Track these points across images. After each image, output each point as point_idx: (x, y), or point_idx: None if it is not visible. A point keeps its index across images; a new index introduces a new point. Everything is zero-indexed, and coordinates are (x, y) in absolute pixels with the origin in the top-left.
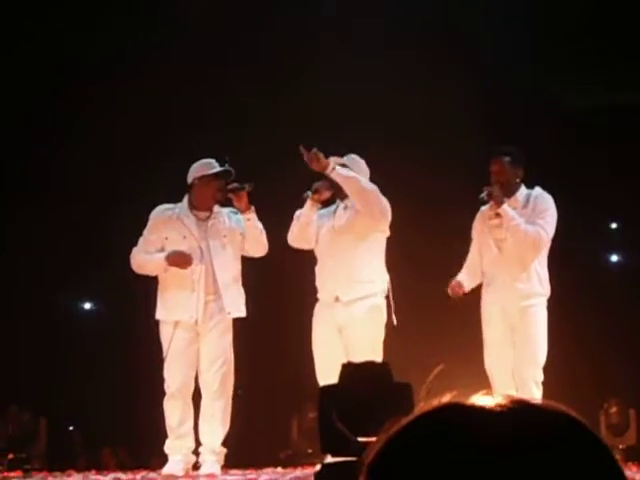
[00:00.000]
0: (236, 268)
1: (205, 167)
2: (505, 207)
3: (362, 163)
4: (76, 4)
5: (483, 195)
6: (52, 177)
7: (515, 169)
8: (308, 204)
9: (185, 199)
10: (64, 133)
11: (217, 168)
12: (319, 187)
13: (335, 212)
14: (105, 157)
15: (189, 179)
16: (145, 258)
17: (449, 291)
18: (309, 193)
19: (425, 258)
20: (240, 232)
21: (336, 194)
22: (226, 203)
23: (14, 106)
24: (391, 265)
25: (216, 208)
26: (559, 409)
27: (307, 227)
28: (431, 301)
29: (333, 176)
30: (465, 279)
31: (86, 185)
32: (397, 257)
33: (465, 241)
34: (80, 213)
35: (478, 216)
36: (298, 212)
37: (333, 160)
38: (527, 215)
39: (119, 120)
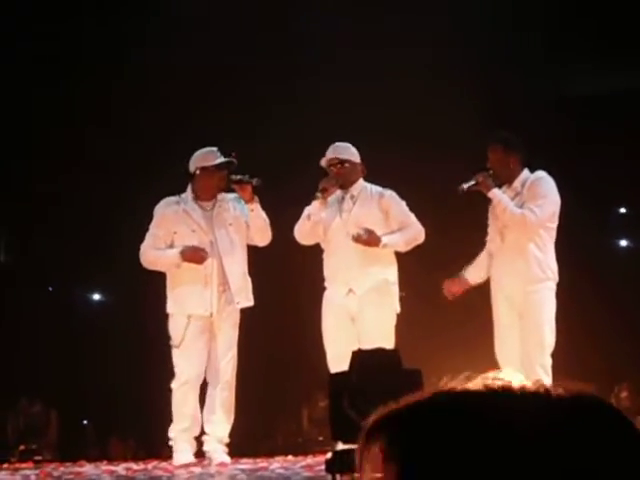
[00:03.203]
0: (243, 257)
1: (207, 157)
2: (494, 191)
3: (351, 147)
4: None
5: (463, 186)
6: (64, 174)
7: (508, 155)
8: (316, 204)
9: (188, 189)
10: (75, 132)
11: (220, 159)
12: (326, 185)
13: (342, 202)
14: (116, 152)
15: (191, 168)
16: (157, 254)
17: (444, 291)
18: (318, 194)
19: (433, 247)
20: (245, 220)
21: (341, 185)
22: (230, 188)
23: (21, 107)
24: (399, 254)
25: (220, 195)
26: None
27: (317, 225)
28: (440, 289)
29: (385, 248)
30: (472, 272)
31: (99, 179)
32: None
33: (471, 229)
34: (90, 206)
35: (491, 206)
36: (306, 211)
37: (384, 237)
38: (522, 200)
39: (130, 116)
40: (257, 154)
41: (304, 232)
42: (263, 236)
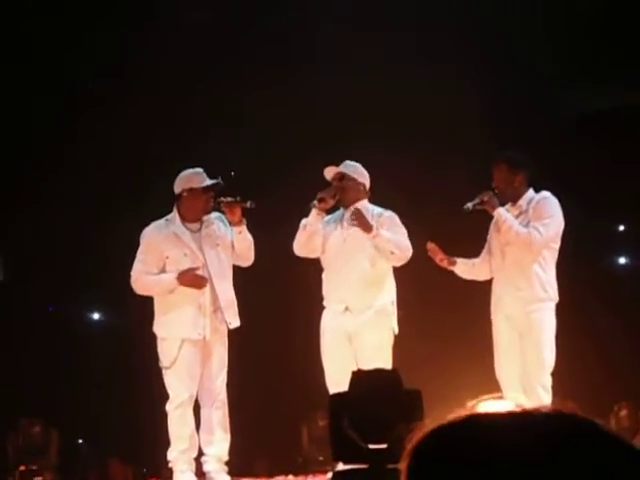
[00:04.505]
0: (230, 277)
1: (193, 178)
2: (499, 210)
3: (359, 167)
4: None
5: (468, 205)
6: (64, 186)
7: (513, 174)
8: (314, 213)
9: (174, 211)
10: (64, 149)
11: (206, 180)
12: (324, 196)
13: (342, 220)
14: (108, 170)
15: (177, 189)
16: (151, 280)
17: (429, 247)
18: (315, 203)
19: (432, 265)
20: (231, 240)
21: (341, 201)
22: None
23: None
24: (397, 272)
25: (205, 215)
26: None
27: (313, 236)
28: (440, 307)
29: (376, 241)
30: (462, 261)
31: (93, 194)
32: (403, 264)
33: (472, 245)
34: (87, 223)
35: (493, 221)
36: (304, 221)
37: (375, 227)
38: (527, 219)
39: (120, 131)
40: (252, 171)
41: (300, 242)
42: (247, 257)
